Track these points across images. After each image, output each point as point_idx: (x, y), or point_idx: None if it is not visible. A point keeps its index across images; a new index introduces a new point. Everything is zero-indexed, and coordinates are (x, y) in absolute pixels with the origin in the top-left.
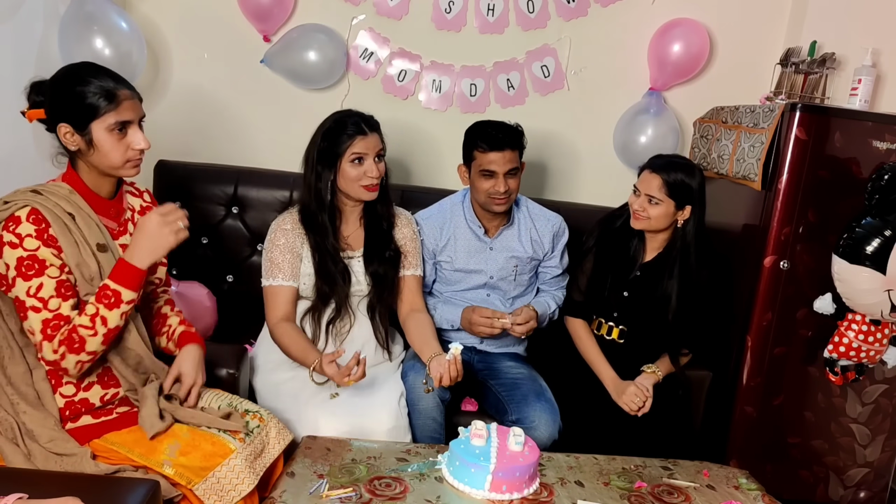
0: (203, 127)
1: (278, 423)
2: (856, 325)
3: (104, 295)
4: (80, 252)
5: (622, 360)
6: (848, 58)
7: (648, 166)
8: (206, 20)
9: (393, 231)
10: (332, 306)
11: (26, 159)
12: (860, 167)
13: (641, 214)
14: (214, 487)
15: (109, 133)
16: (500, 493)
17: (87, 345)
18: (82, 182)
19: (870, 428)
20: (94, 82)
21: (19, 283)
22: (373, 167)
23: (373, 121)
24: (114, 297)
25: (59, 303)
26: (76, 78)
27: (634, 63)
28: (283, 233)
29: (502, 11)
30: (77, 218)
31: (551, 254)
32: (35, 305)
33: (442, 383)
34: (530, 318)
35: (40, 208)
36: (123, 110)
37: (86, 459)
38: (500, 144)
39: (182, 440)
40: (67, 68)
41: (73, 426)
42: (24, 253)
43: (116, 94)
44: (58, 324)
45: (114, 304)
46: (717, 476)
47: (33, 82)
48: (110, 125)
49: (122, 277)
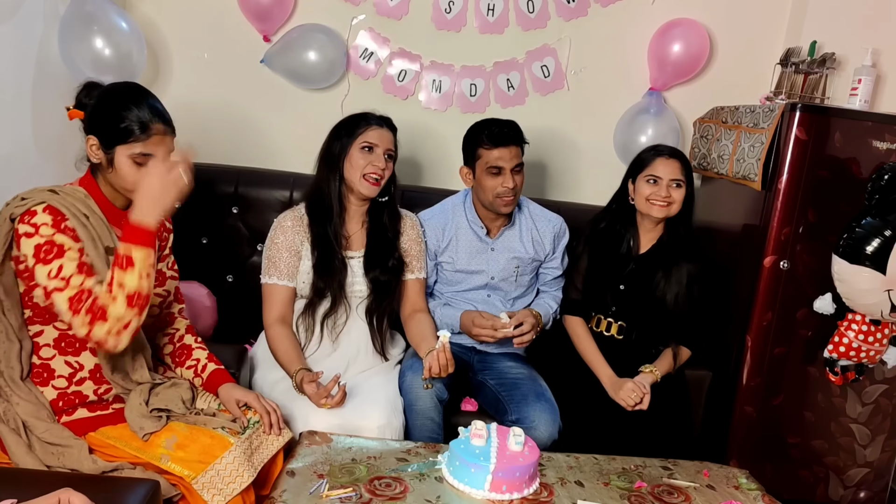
0: (203, 127)
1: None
2: (856, 325)
3: (117, 260)
4: (95, 248)
5: (622, 357)
6: (848, 58)
7: (656, 154)
8: (206, 20)
9: (398, 240)
10: (328, 300)
11: (26, 158)
12: (860, 167)
13: (665, 201)
14: (214, 481)
15: (130, 160)
16: (500, 493)
17: (109, 310)
18: (99, 190)
19: (870, 428)
20: (133, 110)
21: (39, 269)
22: (380, 159)
23: (391, 122)
24: (125, 259)
25: (83, 279)
26: (120, 99)
27: (634, 63)
28: (283, 230)
29: (502, 11)
30: (91, 219)
31: (552, 255)
32: (58, 286)
33: (433, 373)
34: (531, 326)
35: (56, 205)
36: (151, 144)
37: (83, 453)
38: (505, 140)
39: (180, 434)
40: (121, 86)
41: (68, 419)
42: (41, 240)
43: (150, 126)
44: (82, 297)
45: (127, 265)
46: (717, 476)
47: (88, 82)
48: (134, 154)
49: (130, 237)
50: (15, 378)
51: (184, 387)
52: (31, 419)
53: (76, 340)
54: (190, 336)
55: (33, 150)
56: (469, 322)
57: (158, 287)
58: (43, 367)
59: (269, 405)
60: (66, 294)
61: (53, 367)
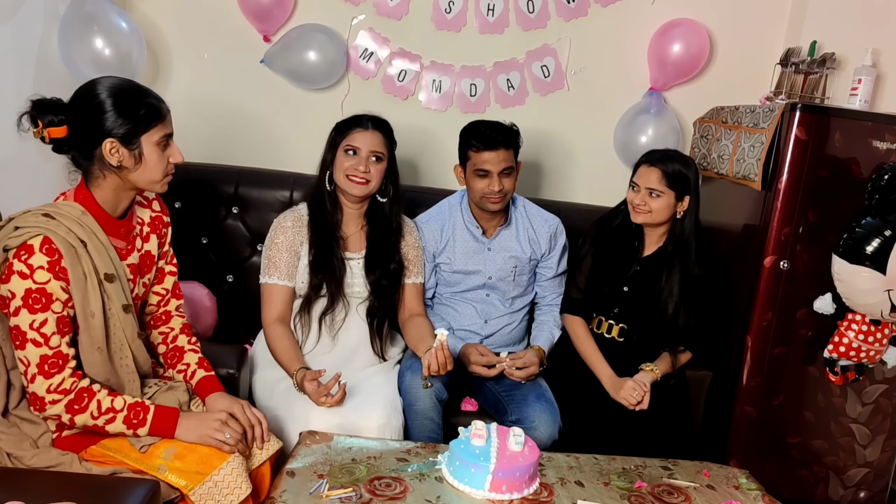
0: (203, 127)
1: None
2: (856, 325)
3: (134, 412)
4: (87, 285)
5: (622, 359)
6: (848, 58)
7: (645, 161)
8: (206, 20)
9: (400, 245)
10: (325, 298)
11: (27, 159)
12: (860, 167)
13: (642, 209)
14: (212, 492)
15: (157, 147)
16: (500, 493)
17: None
18: (95, 202)
19: (870, 428)
20: (137, 96)
21: (24, 313)
22: (362, 161)
23: (379, 120)
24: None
25: (59, 340)
26: (116, 92)
27: (634, 63)
28: (282, 230)
29: (502, 11)
30: (88, 245)
31: (549, 254)
32: (36, 339)
33: (431, 372)
34: (531, 364)
35: (52, 237)
36: (168, 123)
37: (74, 465)
38: (493, 144)
39: (178, 444)
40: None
41: (70, 433)
42: (33, 285)
43: (160, 108)
44: (56, 361)
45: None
46: (717, 476)
47: (41, 101)
48: (159, 139)
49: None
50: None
51: (180, 389)
52: (15, 451)
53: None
54: (184, 336)
55: (33, 150)
56: (466, 356)
57: (157, 285)
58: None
59: (254, 417)
60: (41, 352)
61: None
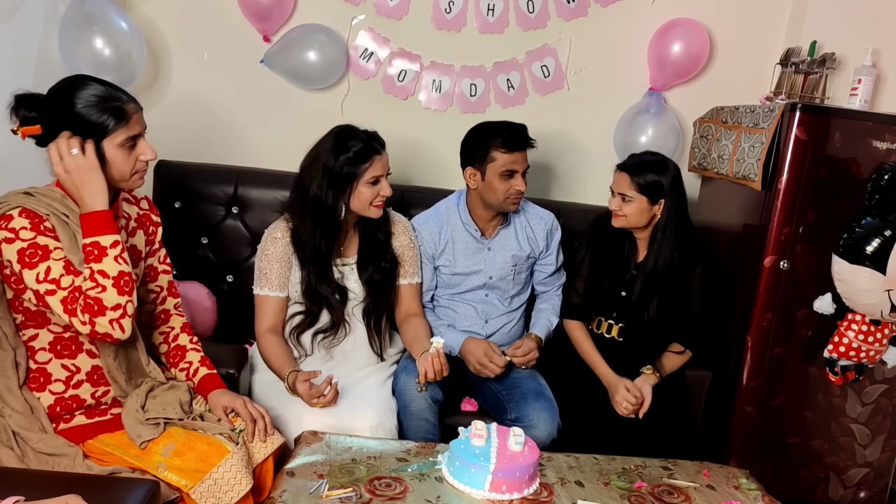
0: (203, 127)
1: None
2: (856, 325)
3: (88, 253)
4: (76, 245)
5: (622, 358)
6: (848, 58)
7: (619, 166)
8: (205, 20)
9: (390, 241)
10: (325, 320)
11: (26, 159)
12: (860, 167)
13: (619, 213)
14: (212, 489)
15: (121, 149)
16: (500, 493)
17: (104, 301)
18: None
19: (870, 428)
20: (100, 99)
21: (27, 273)
22: (386, 186)
23: (380, 138)
24: (95, 248)
25: (72, 279)
26: (82, 94)
27: (634, 63)
28: (273, 242)
29: (502, 11)
30: (72, 217)
31: (546, 252)
32: (49, 289)
33: (427, 378)
34: (531, 350)
35: (33, 207)
36: (133, 125)
37: (77, 461)
38: (522, 145)
39: (178, 441)
40: (69, 82)
41: (66, 426)
42: (22, 244)
43: (125, 109)
44: (74, 296)
45: (100, 254)
46: (717, 476)
47: (20, 96)
48: (122, 142)
49: (90, 228)
50: (11, 387)
51: (182, 389)
52: (23, 431)
53: (72, 343)
54: (185, 335)
55: (33, 150)
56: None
57: (151, 283)
58: (39, 372)
59: (256, 412)
60: (59, 296)
61: (50, 371)
